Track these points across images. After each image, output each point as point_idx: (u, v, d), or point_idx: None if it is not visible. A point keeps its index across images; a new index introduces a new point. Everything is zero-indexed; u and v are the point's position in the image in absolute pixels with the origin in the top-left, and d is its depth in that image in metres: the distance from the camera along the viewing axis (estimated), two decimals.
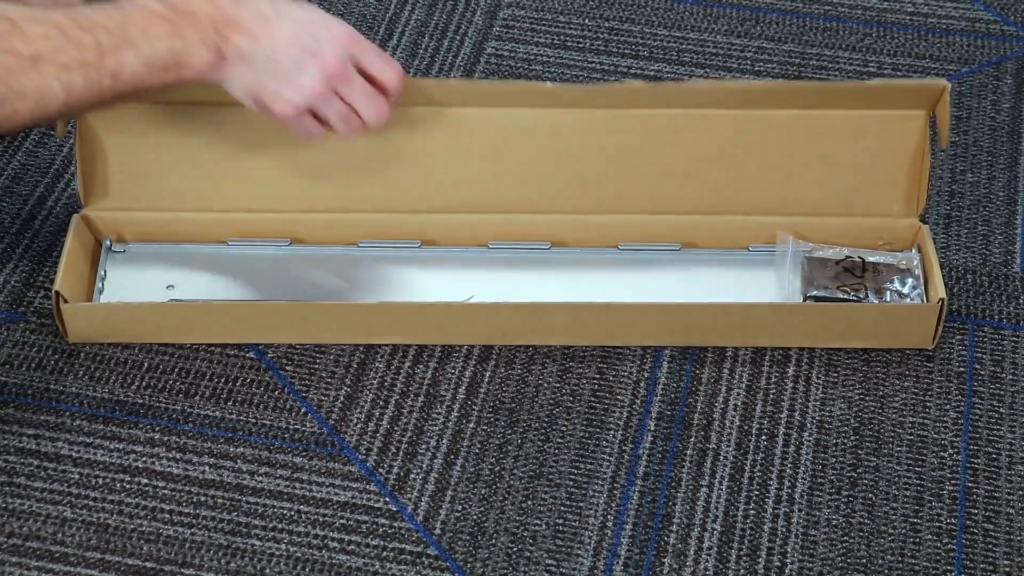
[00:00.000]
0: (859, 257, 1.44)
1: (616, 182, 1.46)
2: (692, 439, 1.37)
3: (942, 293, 1.39)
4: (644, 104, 1.43)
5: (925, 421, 1.39)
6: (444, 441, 1.37)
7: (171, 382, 1.40)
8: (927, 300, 1.42)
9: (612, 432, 1.38)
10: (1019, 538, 1.31)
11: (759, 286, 1.45)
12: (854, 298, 1.42)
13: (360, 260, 1.47)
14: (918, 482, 1.34)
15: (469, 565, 1.28)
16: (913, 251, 1.46)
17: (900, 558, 1.29)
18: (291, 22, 1.24)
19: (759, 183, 1.46)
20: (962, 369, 1.43)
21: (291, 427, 1.37)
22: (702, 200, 1.46)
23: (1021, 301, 1.49)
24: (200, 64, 1.22)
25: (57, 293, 1.38)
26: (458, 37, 1.75)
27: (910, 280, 1.43)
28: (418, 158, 1.46)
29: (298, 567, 1.27)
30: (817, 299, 1.42)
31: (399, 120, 1.44)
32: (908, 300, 1.42)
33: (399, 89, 1.32)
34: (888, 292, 1.42)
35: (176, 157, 1.45)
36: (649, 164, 1.46)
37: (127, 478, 1.33)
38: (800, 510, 1.32)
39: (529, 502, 1.32)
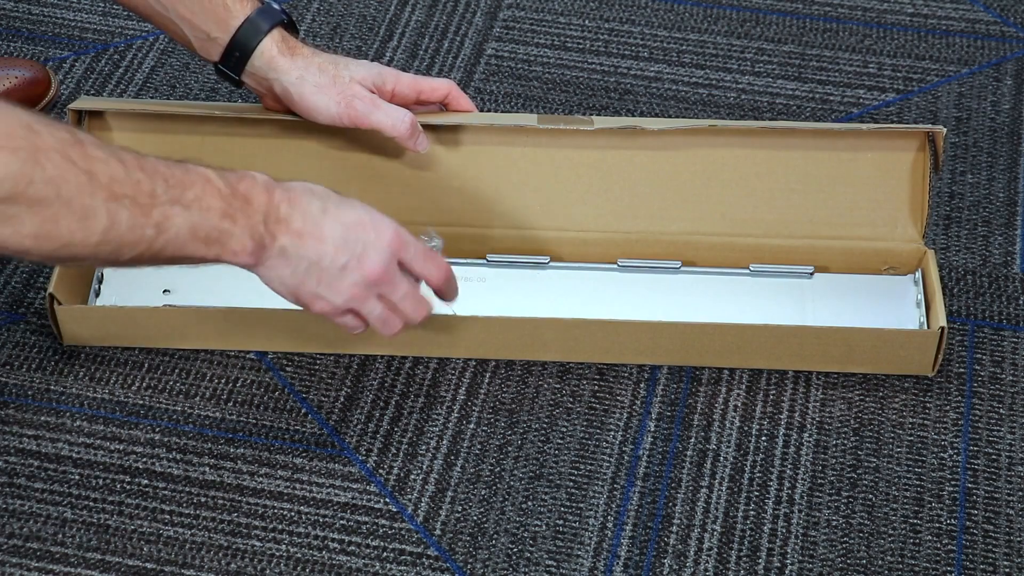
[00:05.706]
0: None
1: (617, 198, 1.46)
2: (692, 440, 1.37)
3: (943, 321, 1.36)
4: (651, 147, 1.43)
5: (925, 422, 1.39)
6: (444, 442, 1.37)
7: (171, 383, 1.40)
8: (928, 327, 1.40)
9: (612, 433, 1.38)
10: (1019, 539, 1.31)
11: (759, 307, 1.44)
12: None
13: None
14: (918, 483, 1.34)
15: (469, 566, 1.28)
16: (917, 275, 1.44)
17: (900, 559, 1.29)
18: (340, 226, 1.22)
19: (762, 205, 1.45)
20: (962, 370, 1.43)
21: (291, 428, 1.37)
22: (704, 219, 1.45)
23: (1021, 302, 1.49)
24: (240, 250, 1.19)
25: (51, 295, 1.38)
26: (458, 38, 1.75)
27: None
28: (420, 170, 1.45)
29: (298, 568, 1.27)
30: None
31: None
32: None
33: (444, 286, 1.31)
34: None
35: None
36: (651, 180, 1.45)
37: (127, 479, 1.33)
38: (800, 511, 1.32)
39: (529, 503, 1.32)
